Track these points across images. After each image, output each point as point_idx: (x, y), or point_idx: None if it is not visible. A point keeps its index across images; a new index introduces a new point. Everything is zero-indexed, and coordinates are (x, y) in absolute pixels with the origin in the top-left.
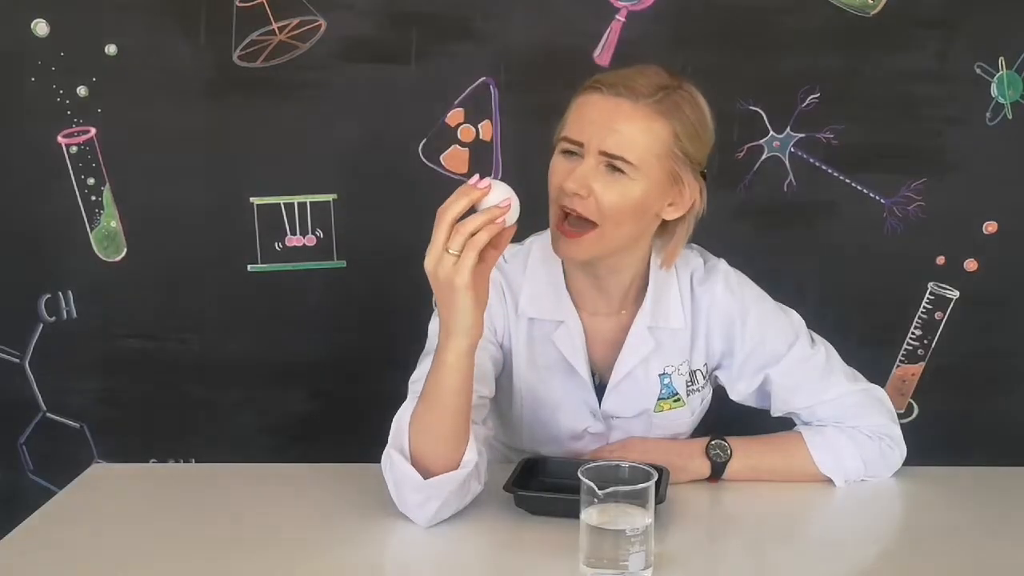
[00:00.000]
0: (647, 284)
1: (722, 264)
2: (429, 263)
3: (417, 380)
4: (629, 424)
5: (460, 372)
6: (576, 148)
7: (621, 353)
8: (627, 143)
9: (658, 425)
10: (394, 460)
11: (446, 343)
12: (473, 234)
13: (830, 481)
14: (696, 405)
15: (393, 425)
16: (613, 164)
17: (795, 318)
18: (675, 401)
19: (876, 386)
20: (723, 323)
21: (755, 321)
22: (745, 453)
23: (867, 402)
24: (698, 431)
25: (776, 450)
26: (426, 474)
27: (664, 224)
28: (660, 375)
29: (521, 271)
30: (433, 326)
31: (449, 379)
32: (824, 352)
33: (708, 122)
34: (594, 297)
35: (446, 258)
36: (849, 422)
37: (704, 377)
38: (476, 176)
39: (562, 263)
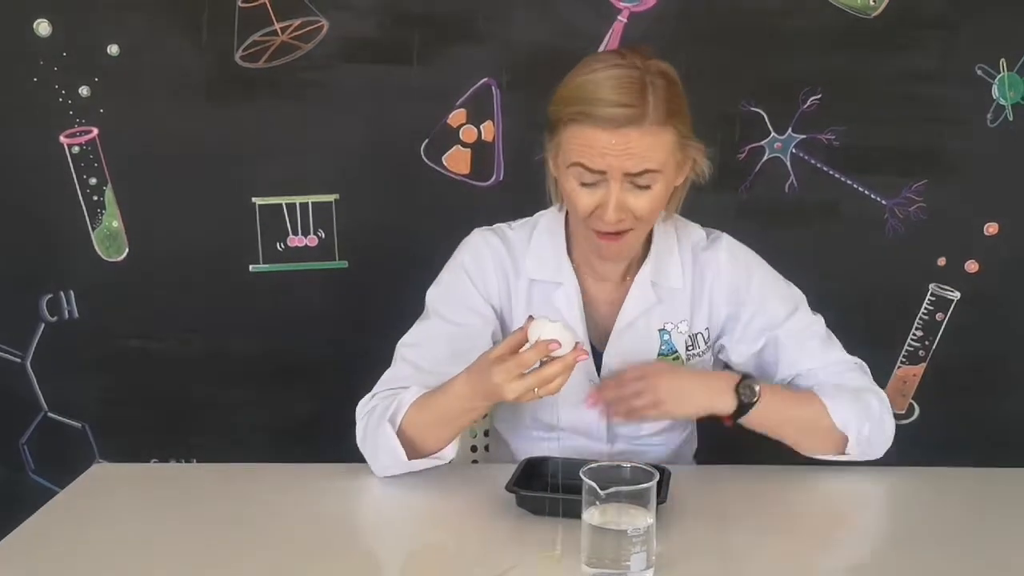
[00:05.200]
0: (650, 248)
1: (725, 235)
2: (509, 392)
3: (408, 345)
4: None
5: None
6: (597, 176)
7: (625, 303)
8: (649, 156)
9: None
10: (385, 431)
11: (475, 395)
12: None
13: (837, 449)
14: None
15: (395, 399)
16: (641, 177)
17: (796, 291)
18: (674, 359)
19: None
20: (727, 287)
21: (758, 285)
22: (771, 398)
23: (861, 372)
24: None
25: (797, 403)
26: (408, 447)
27: None
28: (660, 330)
29: (527, 238)
30: (431, 294)
31: (462, 405)
32: (823, 323)
33: (681, 88)
34: (600, 265)
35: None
36: (850, 385)
37: (705, 343)
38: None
39: (566, 235)
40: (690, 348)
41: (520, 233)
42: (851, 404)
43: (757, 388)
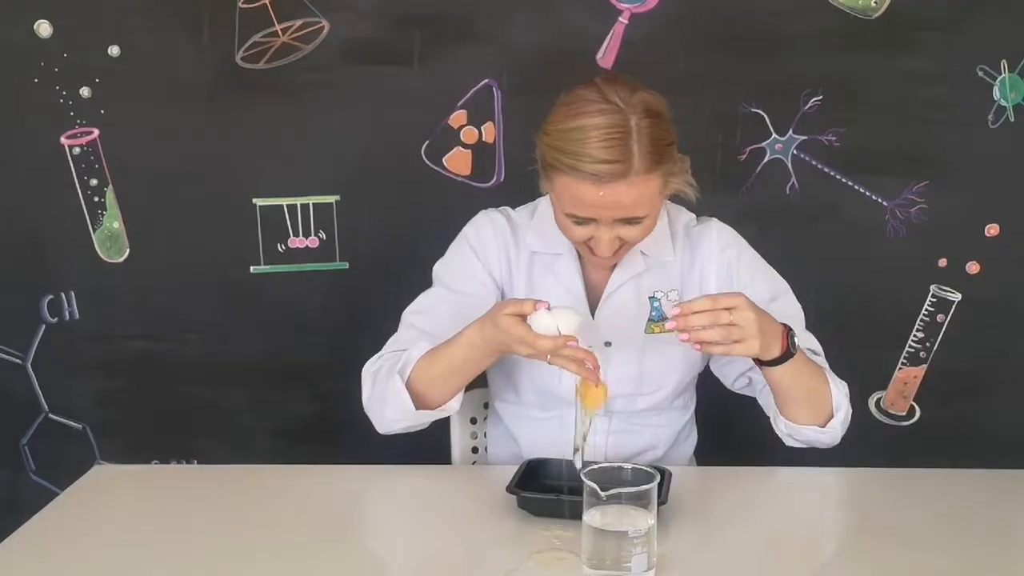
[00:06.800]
0: None
1: (715, 219)
2: (523, 350)
3: (414, 312)
4: (625, 352)
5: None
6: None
7: (615, 269)
8: (637, 205)
9: (652, 352)
10: (394, 383)
11: (485, 345)
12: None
13: (819, 423)
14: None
15: (403, 355)
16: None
17: (784, 282)
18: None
19: None
20: (718, 263)
21: (747, 263)
22: (802, 356)
23: (825, 366)
24: (699, 414)
25: (815, 370)
26: (415, 400)
27: None
28: (650, 298)
29: (528, 217)
30: (437, 267)
31: (472, 354)
32: (803, 316)
33: (668, 117)
34: None
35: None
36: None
37: None
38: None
39: None
40: None
41: (522, 213)
42: (841, 387)
43: (798, 342)
